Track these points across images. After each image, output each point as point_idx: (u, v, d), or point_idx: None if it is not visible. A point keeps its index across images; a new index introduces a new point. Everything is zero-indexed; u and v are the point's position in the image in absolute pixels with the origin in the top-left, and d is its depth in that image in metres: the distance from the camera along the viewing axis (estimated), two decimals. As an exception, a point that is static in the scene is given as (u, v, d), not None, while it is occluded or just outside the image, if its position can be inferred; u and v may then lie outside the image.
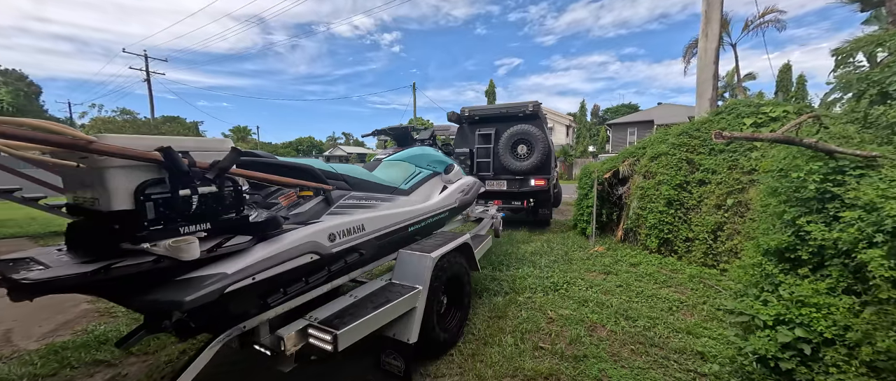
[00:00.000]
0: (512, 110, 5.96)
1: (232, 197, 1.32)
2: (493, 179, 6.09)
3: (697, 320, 2.80)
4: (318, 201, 1.86)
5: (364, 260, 2.11)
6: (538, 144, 5.64)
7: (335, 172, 2.02)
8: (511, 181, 5.95)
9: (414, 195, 2.72)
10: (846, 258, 1.74)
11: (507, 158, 5.84)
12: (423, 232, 2.76)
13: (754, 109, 4.12)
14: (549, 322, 2.84)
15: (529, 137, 5.72)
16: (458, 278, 2.55)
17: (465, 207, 3.39)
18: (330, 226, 1.76)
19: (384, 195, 2.36)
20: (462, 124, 6.47)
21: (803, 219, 1.96)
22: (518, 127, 5.79)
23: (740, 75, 21.94)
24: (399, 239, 2.42)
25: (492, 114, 6.21)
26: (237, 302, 1.43)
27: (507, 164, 5.83)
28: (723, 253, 3.81)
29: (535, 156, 5.66)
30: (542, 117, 6.15)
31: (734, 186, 3.85)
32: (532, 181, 5.78)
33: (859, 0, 6.54)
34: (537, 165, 5.67)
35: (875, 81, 2.06)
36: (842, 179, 1.81)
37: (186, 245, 1.09)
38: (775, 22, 18.24)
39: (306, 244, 1.59)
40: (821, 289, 1.82)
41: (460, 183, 3.36)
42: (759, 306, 2.04)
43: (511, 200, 6.22)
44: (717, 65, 7.27)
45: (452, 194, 3.16)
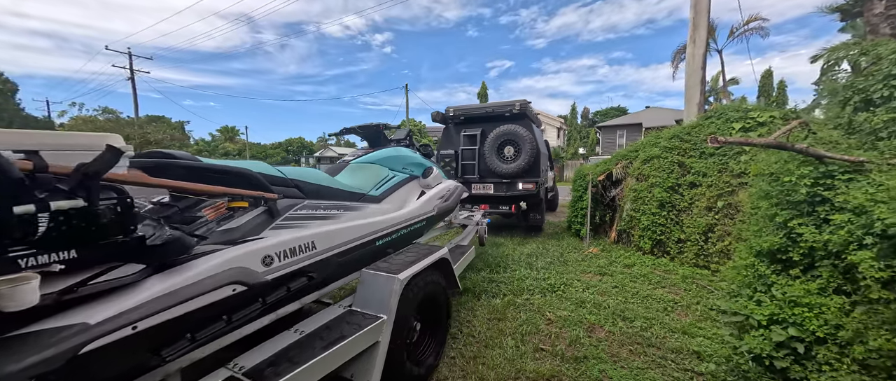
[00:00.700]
0: (498, 110, 5.65)
1: (114, 213, 0.96)
2: (478, 183, 5.77)
3: (692, 320, 2.86)
4: (258, 214, 1.50)
5: (317, 284, 1.77)
6: (525, 146, 5.33)
7: (284, 178, 1.68)
8: (498, 185, 5.65)
9: (386, 202, 2.40)
10: (836, 260, 1.81)
11: (493, 160, 5.52)
12: (397, 244, 2.44)
13: (742, 114, 4.25)
14: (548, 324, 2.87)
15: (516, 138, 5.41)
16: (433, 300, 2.24)
17: (445, 214, 3.09)
18: (265, 246, 1.41)
19: (348, 203, 2.04)
20: (447, 125, 6.23)
21: (795, 221, 2.03)
22: (504, 127, 5.47)
23: (725, 80, 22.61)
24: (367, 254, 2.09)
25: (477, 114, 5.90)
26: (109, 362, 1.03)
27: (494, 166, 5.51)
28: (714, 254, 3.91)
29: (523, 158, 5.35)
30: (531, 117, 5.90)
31: (724, 188, 3.96)
32: (520, 185, 5.46)
33: (839, 10, 6.83)
34: (525, 167, 5.37)
35: (860, 88, 2.16)
36: (831, 183, 1.89)
37: (11, 289, 0.74)
38: (759, 29, 18.89)
39: (227, 273, 1.20)
40: (812, 289, 1.89)
41: (440, 188, 3.02)
42: (753, 306, 2.10)
43: (498, 204, 5.89)
44: (704, 70, 7.47)
45: (431, 201, 2.83)
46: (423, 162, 3.02)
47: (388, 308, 1.75)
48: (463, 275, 3.98)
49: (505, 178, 5.54)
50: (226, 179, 1.41)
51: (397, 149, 2.89)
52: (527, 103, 5.63)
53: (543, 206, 6.33)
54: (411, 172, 2.82)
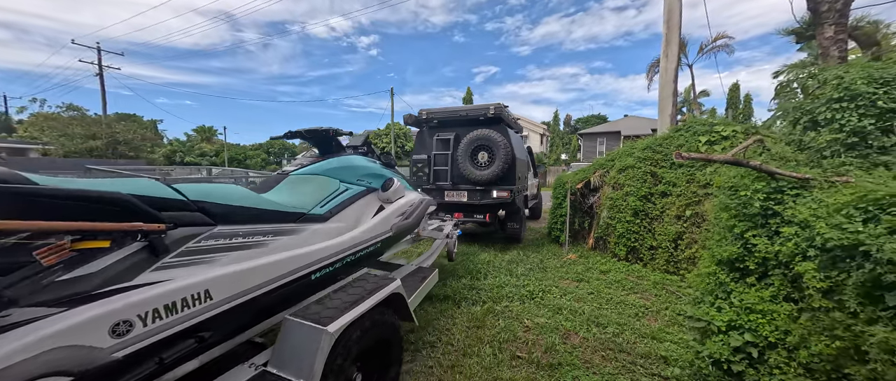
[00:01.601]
0: (472, 113, 5.38)
1: None
2: (452, 190, 5.49)
3: (661, 325, 2.99)
4: (130, 253, 1.09)
5: (214, 341, 1.36)
6: (499, 152, 5.05)
7: (181, 200, 1.25)
8: (472, 192, 5.36)
9: (335, 221, 2.00)
10: (786, 269, 1.95)
11: (466, 166, 5.24)
12: (343, 273, 2.08)
13: (708, 128, 4.50)
14: (525, 331, 2.93)
15: (490, 144, 5.13)
16: (381, 342, 1.87)
17: (405, 233, 2.70)
18: (124, 306, 1.00)
19: (280, 226, 1.62)
20: (422, 129, 5.91)
21: (750, 233, 2.18)
22: (478, 132, 5.20)
23: (696, 92, 23.81)
24: (300, 290, 1.70)
25: (451, 117, 5.56)
26: None
27: (467, 173, 5.23)
28: (683, 261, 4.10)
29: (497, 164, 5.07)
30: (507, 122, 5.61)
31: (692, 198, 4.17)
32: (494, 193, 5.20)
33: (794, 32, 7.36)
34: (499, 174, 5.09)
35: (807, 110, 2.34)
36: (781, 197, 2.04)
37: None
38: (725, 47, 20.07)
39: (34, 362, 0.82)
40: (765, 297, 2.03)
41: (401, 203, 2.62)
42: (714, 312, 2.23)
43: (472, 213, 5.60)
44: (676, 83, 7.86)
45: (388, 219, 2.42)
46: (383, 172, 2.61)
47: (310, 372, 1.35)
48: (443, 282, 4.00)
49: (479, 185, 5.27)
50: (80, 208, 0.98)
51: (351, 157, 2.44)
52: (502, 107, 5.35)
53: (522, 215, 6.07)
54: (368, 185, 2.43)
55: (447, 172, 5.53)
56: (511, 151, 5.14)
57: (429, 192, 5.33)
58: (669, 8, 7.75)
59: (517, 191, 5.35)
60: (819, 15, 4.95)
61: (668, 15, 7.82)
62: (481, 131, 5.22)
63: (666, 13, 7.83)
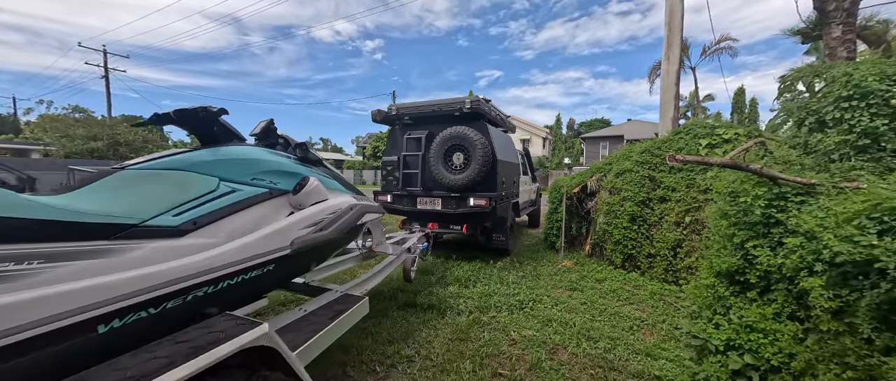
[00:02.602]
0: (446, 108, 4.62)
1: None
2: (425, 197, 4.79)
3: (656, 340, 2.80)
4: None
5: None
6: (476, 152, 4.34)
7: None
8: (446, 199, 4.65)
9: (202, 235, 1.43)
10: (790, 284, 1.77)
11: (438, 168, 4.56)
12: (187, 315, 1.39)
13: (709, 131, 4.32)
14: (510, 345, 2.74)
15: (466, 143, 4.42)
16: None
17: (319, 249, 2.00)
18: None
19: (68, 246, 1.07)
20: (394, 127, 5.24)
21: (751, 243, 1.99)
22: (452, 130, 4.50)
23: (700, 96, 23.52)
24: (79, 351, 1.08)
25: (424, 113, 4.83)
26: None
27: (440, 176, 4.55)
28: (682, 270, 3.90)
29: (473, 167, 4.36)
30: (490, 118, 4.90)
31: (691, 204, 3.98)
32: (471, 201, 4.45)
33: (800, 33, 7.15)
34: (475, 179, 4.38)
35: (813, 110, 2.17)
36: (785, 204, 1.86)
37: None
38: (728, 49, 19.81)
39: None
40: (767, 314, 1.84)
41: (315, 211, 1.96)
42: (712, 329, 2.04)
43: (448, 223, 4.87)
44: (678, 86, 7.67)
45: (284, 232, 1.75)
46: (296, 169, 1.99)
47: None
48: (429, 289, 3.84)
49: (453, 191, 4.57)
50: None
51: (246, 149, 1.83)
52: (481, 101, 4.61)
53: (510, 225, 5.32)
54: (272, 185, 1.82)
55: (416, 175, 4.84)
56: (490, 152, 4.46)
57: (400, 199, 4.96)
58: (671, 9, 7.58)
59: (500, 198, 4.67)
60: (826, 15, 4.76)
61: (669, 17, 7.64)
62: (455, 129, 4.51)
63: (667, 15, 7.66)
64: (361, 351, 2.61)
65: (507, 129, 6.01)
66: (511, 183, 5.31)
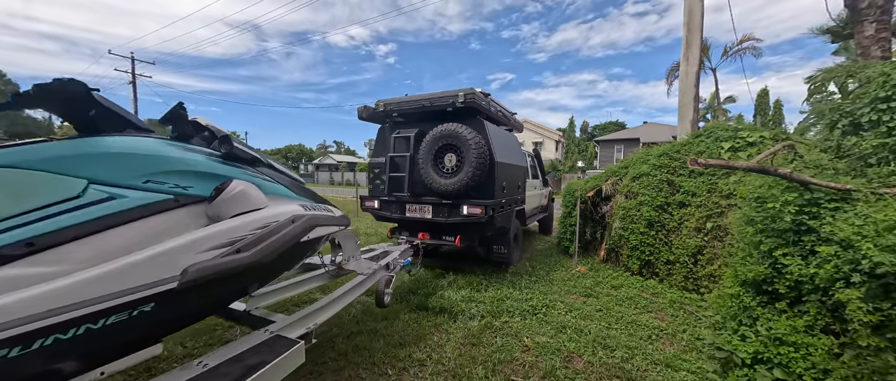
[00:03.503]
0: (437, 103, 4.04)
1: None
2: (414, 203, 4.23)
3: (677, 350, 2.69)
4: None
5: None
6: (470, 153, 3.77)
7: None
8: (438, 207, 4.09)
9: (41, 262, 1.04)
10: (824, 295, 1.67)
11: (428, 172, 4.01)
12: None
13: (732, 134, 4.16)
14: (524, 351, 2.69)
15: (458, 143, 3.85)
16: None
17: (228, 279, 1.45)
18: None
19: None
20: (383, 126, 4.73)
21: (780, 251, 1.90)
22: (443, 128, 3.94)
23: (720, 98, 22.79)
24: None
25: (413, 109, 4.24)
26: None
27: (429, 181, 4.00)
28: (703, 278, 3.75)
29: (466, 170, 3.78)
30: (488, 114, 4.31)
31: (713, 209, 3.83)
32: (464, 209, 3.87)
33: (830, 32, 6.84)
34: (468, 183, 3.80)
35: (847, 112, 2.05)
36: (817, 211, 1.76)
37: None
38: (752, 49, 19.13)
39: None
40: (799, 326, 1.74)
41: (238, 223, 1.50)
42: (738, 341, 1.95)
43: (440, 234, 4.31)
44: (697, 88, 7.45)
45: (180, 253, 1.29)
46: (215, 170, 1.57)
47: None
48: (441, 293, 3.81)
49: (444, 197, 4.00)
50: None
51: (136, 141, 1.40)
52: (478, 94, 4.03)
53: (514, 236, 4.80)
54: (180, 191, 1.40)
55: (403, 179, 4.26)
56: (487, 153, 3.87)
57: (387, 205, 4.43)
58: (690, 9, 7.39)
59: (499, 206, 4.07)
60: (858, 12, 4.54)
61: (688, 16, 7.46)
62: (446, 127, 3.92)
63: (686, 14, 7.47)
64: (373, 353, 2.62)
65: (512, 127, 5.47)
66: (514, 188, 4.72)
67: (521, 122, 5.86)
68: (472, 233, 4.29)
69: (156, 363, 2.42)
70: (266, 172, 1.89)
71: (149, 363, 1.86)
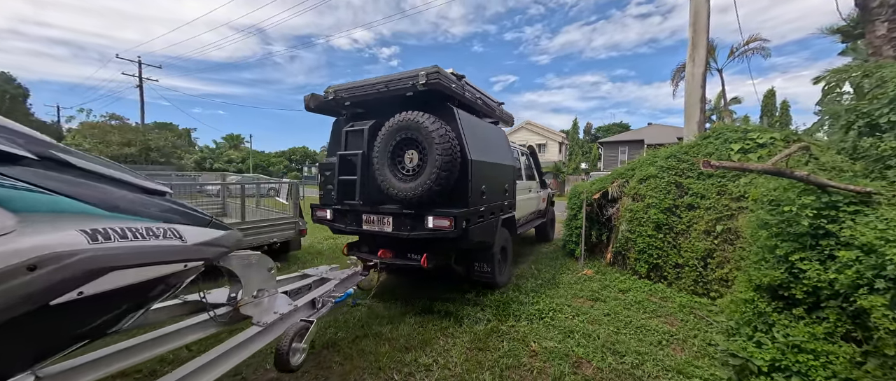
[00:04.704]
0: (394, 87, 3.20)
1: None
2: (371, 213, 3.34)
3: (688, 356, 2.64)
4: None
5: None
6: (434, 149, 2.93)
7: None
8: (399, 218, 3.21)
9: None
10: (844, 301, 1.62)
11: (385, 173, 3.17)
12: None
13: (741, 135, 4.10)
14: (531, 357, 2.65)
15: (420, 136, 3.02)
16: None
17: None
18: None
19: None
20: (339, 118, 3.92)
21: (797, 255, 1.85)
22: (400, 118, 3.11)
23: (726, 99, 22.59)
24: None
25: (367, 95, 3.40)
26: None
27: (387, 184, 3.16)
28: (713, 282, 3.69)
29: (429, 171, 2.96)
30: (461, 100, 3.50)
31: (723, 212, 3.77)
32: (429, 221, 3.01)
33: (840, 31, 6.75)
34: (432, 187, 2.95)
35: (864, 113, 2.00)
36: (836, 214, 1.71)
37: None
38: (760, 50, 18.96)
39: None
40: (818, 333, 1.69)
41: None
42: (753, 348, 1.90)
43: (405, 251, 3.49)
44: (704, 89, 7.38)
45: None
46: None
47: None
48: (446, 296, 3.77)
49: (406, 205, 3.16)
50: None
51: None
52: (447, 74, 3.24)
53: (502, 249, 4.05)
54: None
55: (354, 184, 3.40)
56: (457, 148, 3.04)
57: (341, 215, 3.53)
58: (696, 9, 7.33)
59: (476, 216, 3.26)
60: (869, 11, 4.46)
61: (694, 17, 7.40)
62: (404, 116, 3.09)
63: (692, 15, 7.42)
64: (379, 357, 2.59)
65: (498, 120, 4.62)
66: (499, 192, 3.88)
67: (510, 114, 4.97)
68: (444, 250, 3.45)
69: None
70: (40, 174, 1.11)
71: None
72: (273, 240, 5.09)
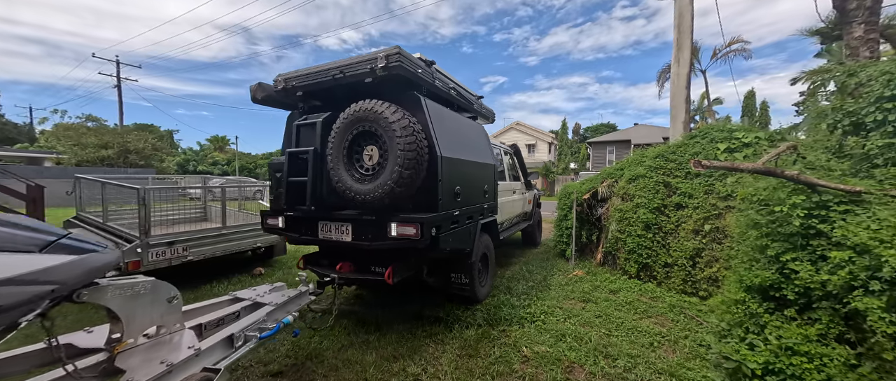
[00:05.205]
0: (350, 72, 2.76)
1: None
2: (328, 220, 2.89)
3: (680, 358, 2.61)
4: None
5: None
6: (396, 143, 2.49)
7: None
8: (359, 225, 2.78)
9: None
10: (837, 303, 1.60)
11: (340, 173, 2.72)
12: None
13: (727, 135, 4.14)
14: (523, 363, 2.58)
15: (379, 129, 2.58)
16: None
17: None
18: None
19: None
20: (293, 111, 3.41)
21: (788, 255, 1.83)
22: (356, 107, 2.65)
23: (710, 100, 23.18)
24: None
25: (321, 83, 2.92)
26: None
27: (343, 186, 2.70)
28: (702, 281, 3.70)
29: (391, 169, 2.51)
30: (430, 89, 3.08)
31: (711, 211, 3.79)
32: (392, 228, 2.59)
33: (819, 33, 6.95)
34: (394, 189, 2.51)
35: (850, 111, 2.01)
36: (826, 214, 1.70)
37: None
38: (742, 51, 19.51)
39: None
40: (811, 335, 1.67)
41: None
42: (746, 350, 1.87)
43: (368, 264, 3.00)
44: (688, 89, 7.50)
45: None
46: None
47: None
48: (435, 303, 3.68)
49: (366, 210, 2.76)
50: None
51: None
52: (410, 58, 2.76)
53: (483, 257, 3.67)
54: None
55: (305, 186, 2.88)
56: (423, 144, 2.59)
57: (295, 223, 3.05)
58: (680, 12, 7.45)
59: (451, 220, 2.88)
60: (846, 14, 4.58)
61: (678, 19, 7.51)
62: (362, 106, 2.62)
63: (677, 17, 7.53)
64: (365, 367, 2.48)
65: (476, 114, 4.19)
66: (478, 194, 3.47)
67: (490, 109, 4.57)
68: (414, 261, 3.02)
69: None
70: None
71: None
72: (257, 245, 4.93)
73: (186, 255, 4.01)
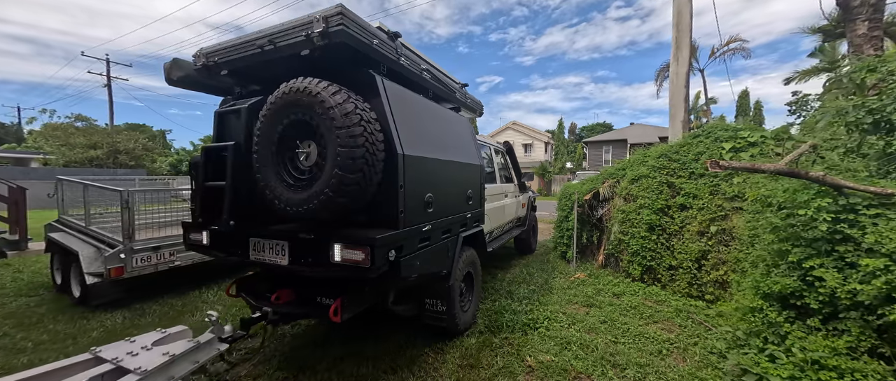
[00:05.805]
0: (282, 42, 2.02)
1: None
2: (259, 238, 2.17)
3: (691, 367, 2.50)
4: None
5: None
6: (334, 136, 1.81)
7: None
8: (296, 244, 2.05)
9: None
10: (868, 314, 1.49)
11: (268, 175, 2.07)
12: None
13: (732, 134, 4.06)
14: (527, 373, 2.46)
15: (316, 118, 1.88)
16: None
17: None
18: None
19: None
20: (227, 97, 2.80)
21: (812, 261, 1.72)
22: (287, 88, 1.94)
23: (707, 98, 23.27)
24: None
25: (251, 59, 2.17)
26: None
27: (272, 193, 2.05)
28: (708, 284, 3.60)
29: (329, 171, 1.84)
30: (390, 66, 2.31)
31: (717, 212, 3.69)
32: (336, 252, 1.86)
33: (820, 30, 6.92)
34: (333, 198, 1.84)
35: (873, 109, 1.90)
36: (855, 219, 1.59)
37: None
38: (741, 50, 19.59)
39: None
40: (840, 348, 1.55)
41: None
42: (767, 363, 1.75)
43: (313, 293, 2.36)
44: (687, 88, 7.43)
45: None
46: None
47: None
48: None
49: (302, 226, 2.11)
50: None
51: None
52: (355, 21, 1.95)
53: (466, 277, 3.05)
54: None
55: (224, 192, 2.25)
56: (374, 135, 1.93)
57: (223, 240, 2.34)
58: (679, 10, 7.38)
59: (419, 238, 2.22)
60: (850, 11, 4.53)
61: (677, 18, 7.44)
62: (293, 86, 1.94)
63: (675, 16, 7.46)
64: (361, 380, 2.34)
65: (458, 105, 3.45)
66: (459, 201, 2.84)
67: (478, 101, 3.86)
68: (368, 292, 2.38)
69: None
70: None
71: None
72: None
73: (174, 260, 3.83)
